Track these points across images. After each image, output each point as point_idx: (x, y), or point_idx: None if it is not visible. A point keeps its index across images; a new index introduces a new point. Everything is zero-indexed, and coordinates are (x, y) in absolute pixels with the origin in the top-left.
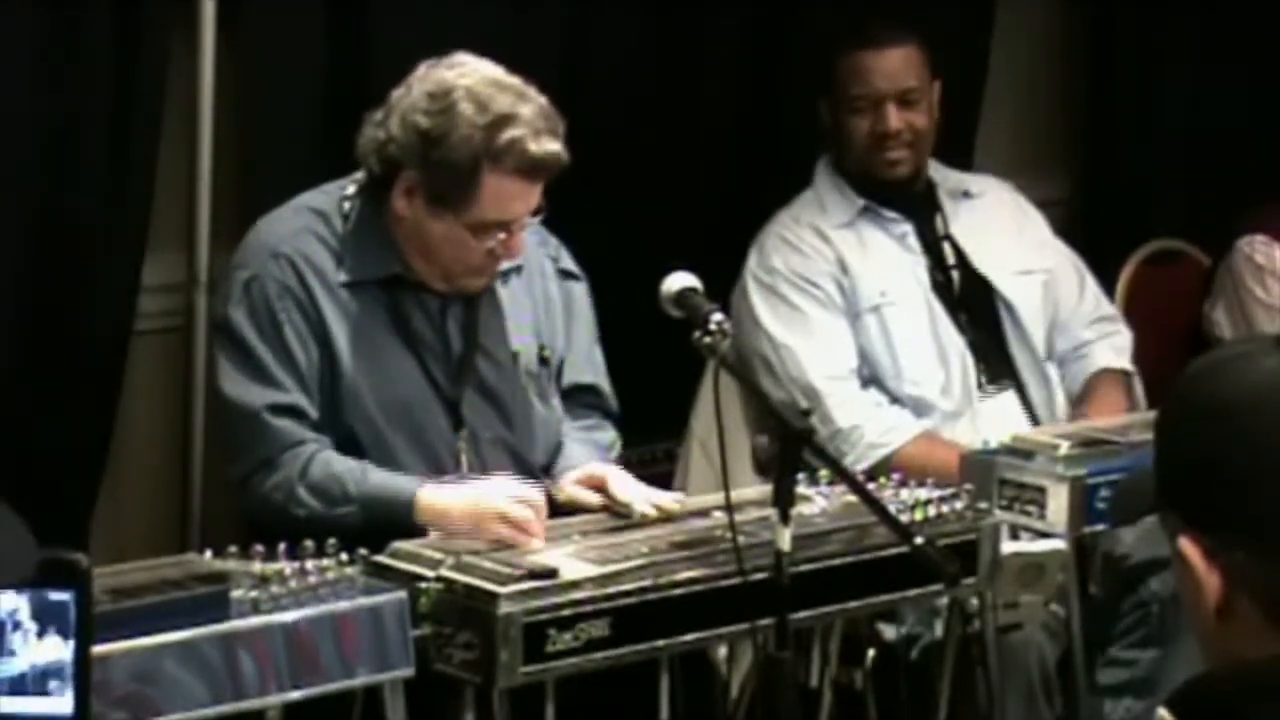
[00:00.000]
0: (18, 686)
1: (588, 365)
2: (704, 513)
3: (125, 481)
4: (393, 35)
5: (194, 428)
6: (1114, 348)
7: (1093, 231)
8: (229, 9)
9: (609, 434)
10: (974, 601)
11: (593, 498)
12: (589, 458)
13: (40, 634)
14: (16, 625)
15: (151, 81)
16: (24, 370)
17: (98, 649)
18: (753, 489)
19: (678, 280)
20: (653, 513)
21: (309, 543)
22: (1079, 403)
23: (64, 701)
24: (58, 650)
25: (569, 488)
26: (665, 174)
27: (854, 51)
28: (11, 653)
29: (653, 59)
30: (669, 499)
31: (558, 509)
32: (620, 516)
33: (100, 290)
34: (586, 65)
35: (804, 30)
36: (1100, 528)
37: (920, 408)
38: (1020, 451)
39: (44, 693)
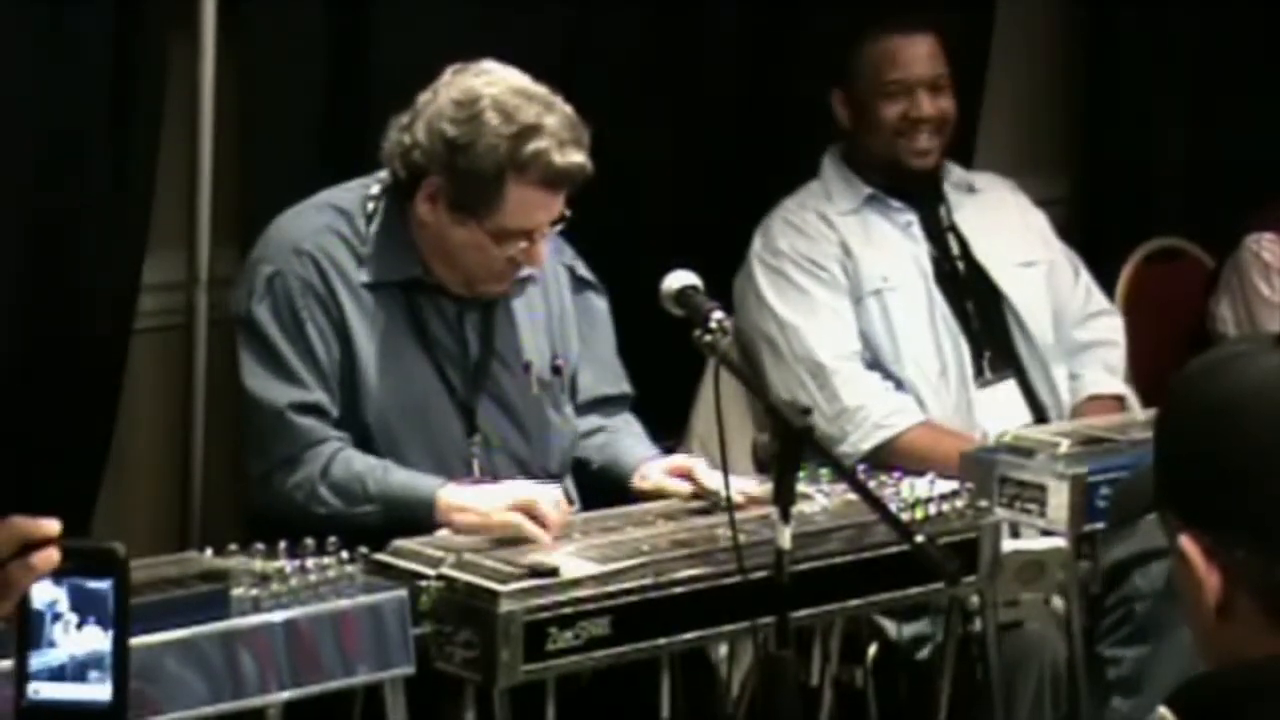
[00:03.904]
0: (57, 677)
1: (611, 376)
2: (705, 510)
3: (125, 481)
4: (393, 35)
5: (194, 426)
6: (1106, 366)
7: (1093, 230)
8: (229, 9)
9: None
10: (974, 600)
11: (683, 486)
12: (647, 450)
13: (80, 625)
14: (57, 616)
15: (151, 81)
16: (24, 370)
17: None
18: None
19: (678, 279)
20: (741, 499)
21: (309, 540)
22: None
23: (102, 689)
24: (96, 640)
25: (658, 477)
26: (665, 172)
27: (885, 37)
28: (52, 643)
29: (653, 57)
30: (754, 486)
31: (634, 498)
32: (706, 502)
33: (100, 289)
34: (587, 64)
35: (804, 28)
36: (1100, 525)
37: (918, 393)
38: (1020, 450)
39: (82, 683)
